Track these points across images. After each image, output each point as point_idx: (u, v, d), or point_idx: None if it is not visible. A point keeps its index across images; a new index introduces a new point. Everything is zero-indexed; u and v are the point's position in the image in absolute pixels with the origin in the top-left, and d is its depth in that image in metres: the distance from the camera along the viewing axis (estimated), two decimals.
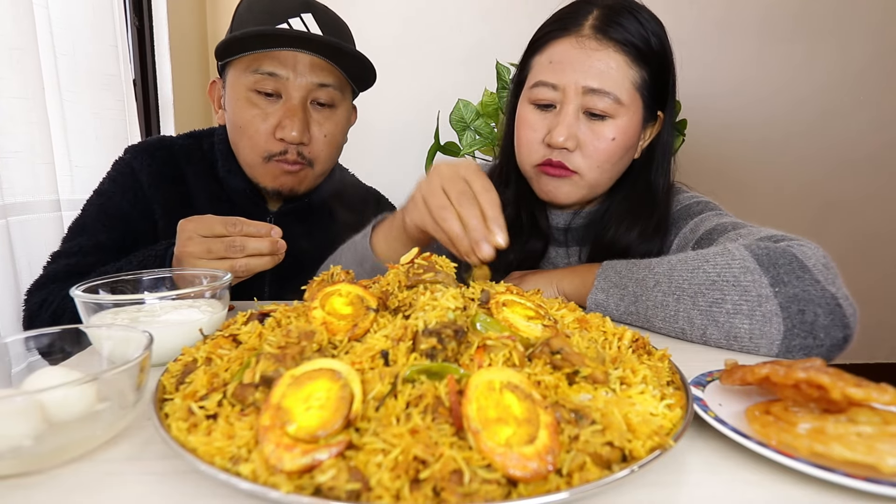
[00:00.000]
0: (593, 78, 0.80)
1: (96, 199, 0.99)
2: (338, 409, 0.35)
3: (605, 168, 0.85)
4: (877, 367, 2.51)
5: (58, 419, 0.39)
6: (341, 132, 1.02)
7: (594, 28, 0.81)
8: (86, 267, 0.89)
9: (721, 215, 0.86)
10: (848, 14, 2.32)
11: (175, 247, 0.75)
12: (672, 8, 2.31)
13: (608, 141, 0.82)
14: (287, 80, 0.91)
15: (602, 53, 0.80)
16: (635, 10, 0.83)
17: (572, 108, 0.82)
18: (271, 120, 0.93)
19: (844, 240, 2.47)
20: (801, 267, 0.64)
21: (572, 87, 0.82)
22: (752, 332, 0.64)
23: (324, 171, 1.02)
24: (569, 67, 0.82)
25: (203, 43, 2.24)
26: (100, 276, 0.66)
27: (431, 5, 2.29)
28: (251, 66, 0.91)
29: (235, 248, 0.70)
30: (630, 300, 0.73)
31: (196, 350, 0.47)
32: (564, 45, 0.83)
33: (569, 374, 0.42)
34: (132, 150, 1.03)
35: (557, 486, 0.32)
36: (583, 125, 0.83)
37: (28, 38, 1.14)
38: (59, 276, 0.91)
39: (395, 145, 2.34)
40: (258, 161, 0.96)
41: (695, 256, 0.70)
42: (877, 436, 0.37)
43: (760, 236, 0.74)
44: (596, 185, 0.88)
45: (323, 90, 0.94)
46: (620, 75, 0.81)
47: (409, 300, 0.51)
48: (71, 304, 0.61)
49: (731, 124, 2.40)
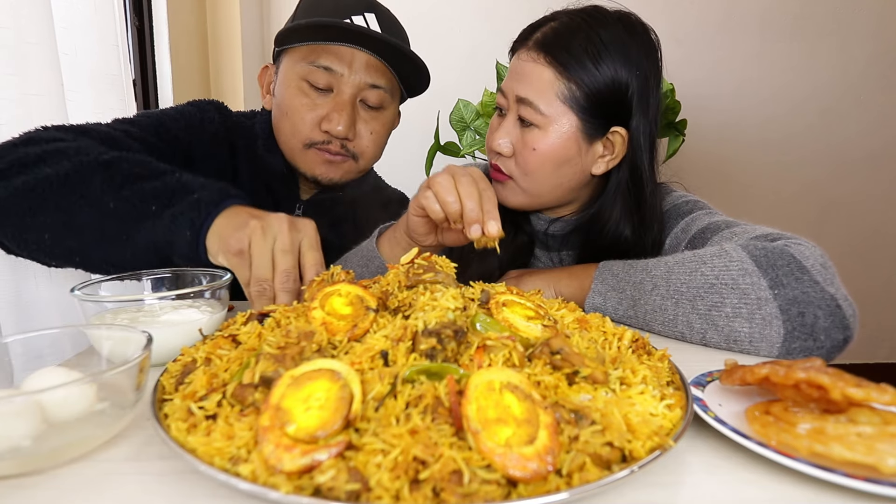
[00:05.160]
0: (522, 88, 0.83)
1: (156, 113, 0.95)
2: (337, 409, 0.34)
3: (533, 177, 0.86)
4: (877, 367, 2.51)
5: (57, 419, 0.39)
6: (386, 132, 1.03)
7: (536, 42, 0.84)
8: (121, 143, 0.81)
9: (712, 214, 0.86)
10: (848, 14, 2.32)
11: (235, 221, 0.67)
12: (672, 8, 2.31)
13: (530, 150, 0.84)
14: (341, 76, 0.92)
15: (531, 66, 0.83)
16: (591, 34, 0.81)
17: (512, 116, 0.86)
18: (319, 111, 0.93)
19: (844, 240, 2.47)
20: (799, 268, 0.64)
21: (511, 96, 0.85)
22: (752, 335, 0.64)
23: (366, 167, 1.03)
24: (510, 78, 0.87)
25: (203, 43, 2.24)
26: (131, 160, 0.67)
27: (431, 5, 2.29)
28: (307, 57, 0.92)
29: (263, 292, 0.63)
30: (628, 304, 0.73)
31: (195, 350, 0.47)
32: (515, 57, 0.88)
33: (569, 374, 0.42)
34: (200, 102, 1.02)
35: (557, 487, 0.32)
36: (518, 132, 0.85)
37: (30, 38, 1.13)
38: (82, 128, 0.80)
39: (395, 145, 2.33)
40: (298, 147, 0.96)
41: (692, 258, 0.70)
42: (877, 436, 0.37)
43: (755, 235, 0.74)
44: (532, 193, 0.88)
45: (374, 91, 0.94)
46: (544, 87, 0.82)
47: (408, 300, 0.51)
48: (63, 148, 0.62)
49: (731, 124, 2.40)
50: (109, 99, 1.41)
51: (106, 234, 0.67)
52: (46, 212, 0.67)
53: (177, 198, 0.68)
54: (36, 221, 0.67)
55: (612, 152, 0.87)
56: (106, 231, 0.67)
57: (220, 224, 0.66)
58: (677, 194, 0.95)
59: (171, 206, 0.67)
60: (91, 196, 0.67)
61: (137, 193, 0.68)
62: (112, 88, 1.41)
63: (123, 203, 0.67)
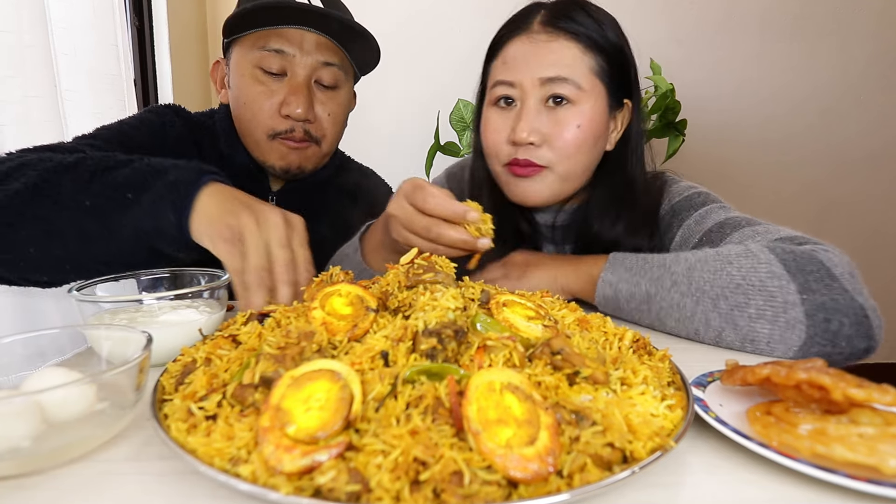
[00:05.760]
0: (548, 68, 0.81)
1: (115, 125, 0.95)
2: (337, 410, 0.34)
3: (575, 158, 0.83)
4: (877, 367, 2.51)
5: (57, 420, 0.39)
6: (344, 113, 1.03)
7: (543, 23, 0.83)
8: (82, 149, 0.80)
9: (727, 209, 0.84)
10: (848, 14, 2.32)
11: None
12: (672, 8, 2.31)
13: (574, 129, 0.81)
14: (293, 57, 0.92)
15: (555, 44, 0.81)
16: (584, 6, 0.84)
17: (532, 101, 0.82)
18: (276, 97, 0.93)
19: (844, 240, 2.45)
20: (829, 275, 0.63)
21: (529, 82, 0.82)
22: (771, 336, 0.63)
23: (329, 150, 1.04)
24: (522, 63, 0.83)
25: (203, 43, 2.24)
26: (95, 156, 0.67)
27: (432, 5, 2.29)
28: (258, 43, 0.92)
29: (262, 281, 0.63)
30: (641, 298, 0.71)
31: (195, 350, 0.47)
32: (516, 44, 0.84)
33: (569, 374, 0.42)
34: (157, 107, 1.02)
35: (558, 488, 0.31)
36: (545, 118, 0.82)
37: (31, 38, 1.13)
38: (44, 147, 0.80)
39: (395, 145, 2.34)
40: (263, 138, 0.96)
41: (715, 257, 0.68)
42: (878, 437, 0.37)
43: (780, 237, 0.72)
44: (567, 178, 0.86)
45: (327, 70, 0.95)
46: (576, 62, 0.81)
47: (408, 300, 0.50)
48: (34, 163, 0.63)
49: (731, 124, 2.40)
50: (109, 99, 1.41)
51: (88, 233, 0.66)
52: (25, 225, 0.66)
53: (150, 182, 0.67)
54: (18, 237, 0.66)
55: (617, 126, 0.88)
56: (87, 229, 0.66)
57: (206, 203, 0.65)
58: (685, 184, 0.93)
59: (146, 190, 0.66)
60: (64, 199, 0.66)
61: (109, 185, 0.67)
62: (111, 88, 1.41)
63: (97, 198, 0.66)
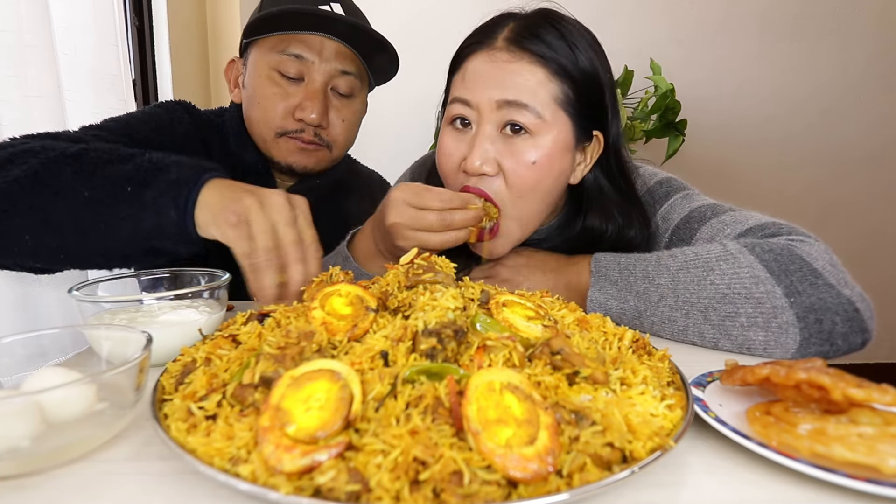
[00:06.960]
0: (507, 90, 0.72)
1: (123, 118, 0.94)
2: (337, 409, 0.34)
3: (528, 199, 0.75)
4: (877, 367, 2.51)
5: (57, 420, 0.39)
6: (357, 121, 1.04)
7: (507, 40, 0.74)
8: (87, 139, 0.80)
9: (690, 197, 0.82)
10: (848, 14, 2.32)
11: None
12: (672, 8, 2.31)
13: (528, 165, 0.73)
14: (312, 63, 0.93)
15: (516, 65, 0.73)
16: (557, 22, 0.75)
17: (488, 127, 0.74)
18: (291, 100, 0.94)
19: (844, 240, 2.46)
20: (812, 272, 0.63)
21: (486, 104, 0.73)
22: (767, 342, 0.62)
23: (339, 155, 1.04)
24: (481, 82, 0.74)
25: (203, 43, 2.24)
26: (99, 148, 0.66)
27: (432, 5, 2.29)
28: (277, 46, 0.92)
29: (271, 262, 0.62)
30: (632, 314, 0.69)
31: (195, 350, 0.47)
32: (477, 60, 0.76)
33: (569, 374, 0.42)
34: (167, 103, 1.02)
35: (558, 488, 0.31)
36: (501, 146, 0.74)
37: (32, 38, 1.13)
38: (50, 134, 0.79)
39: (395, 145, 2.34)
40: (270, 136, 0.97)
41: (695, 262, 0.67)
42: (878, 437, 0.37)
43: (749, 227, 0.71)
44: (522, 220, 0.77)
45: (344, 78, 0.96)
46: (539, 88, 0.72)
47: (408, 300, 0.50)
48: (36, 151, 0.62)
49: (731, 124, 2.40)
50: (109, 99, 1.40)
51: (85, 225, 0.66)
52: (21, 213, 0.65)
53: (151, 178, 0.66)
54: (13, 224, 0.66)
55: (585, 159, 0.80)
56: (84, 221, 0.66)
57: (209, 197, 0.65)
58: (647, 173, 0.88)
59: (146, 186, 0.65)
60: (63, 189, 0.66)
61: (110, 178, 0.66)
62: (112, 88, 1.41)
63: (97, 190, 0.66)
